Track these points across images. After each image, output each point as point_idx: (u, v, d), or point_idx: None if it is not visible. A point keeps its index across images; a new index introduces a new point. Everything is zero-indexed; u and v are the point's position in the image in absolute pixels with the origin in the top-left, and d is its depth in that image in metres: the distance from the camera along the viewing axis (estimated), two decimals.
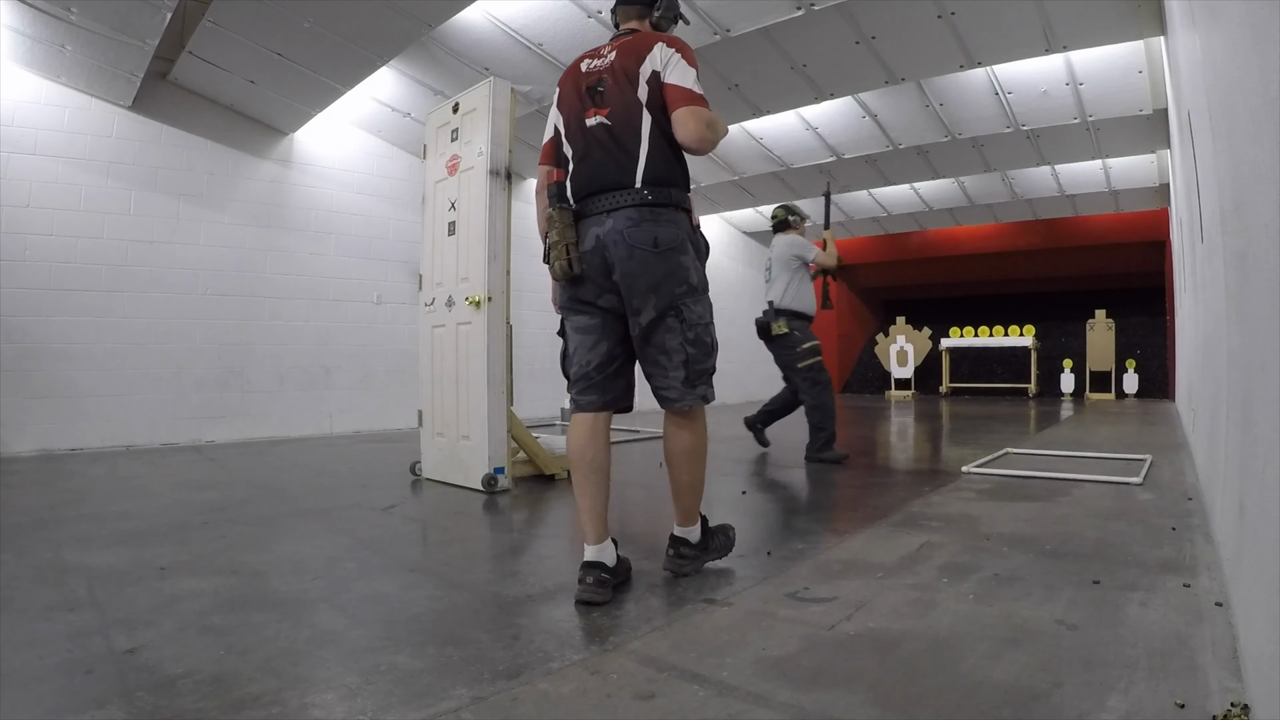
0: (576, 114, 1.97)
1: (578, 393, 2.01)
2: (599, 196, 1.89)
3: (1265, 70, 0.93)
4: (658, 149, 1.88)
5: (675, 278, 1.87)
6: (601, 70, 1.95)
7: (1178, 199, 5.21)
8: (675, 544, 2.05)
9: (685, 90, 1.86)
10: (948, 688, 1.33)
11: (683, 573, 2.01)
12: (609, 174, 1.89)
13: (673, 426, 1.98)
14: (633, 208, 1.85)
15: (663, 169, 1.88)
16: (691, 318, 1.89)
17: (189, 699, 1.31)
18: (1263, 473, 1.10)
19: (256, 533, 2.65)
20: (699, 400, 1.94)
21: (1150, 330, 11.12)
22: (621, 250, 1.84)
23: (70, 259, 5.15)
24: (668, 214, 1.87)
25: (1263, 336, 1.08)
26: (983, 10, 4.68)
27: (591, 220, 1.90)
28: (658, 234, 1.84)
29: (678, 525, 2.05)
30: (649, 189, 1.86)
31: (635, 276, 1.85)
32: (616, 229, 1.85)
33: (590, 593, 1.83)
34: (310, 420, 6.28)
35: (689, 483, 2.00)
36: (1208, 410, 2.81)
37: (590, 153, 1.93)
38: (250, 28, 4.65)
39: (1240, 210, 1.30)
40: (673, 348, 1.89)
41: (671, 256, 1.86)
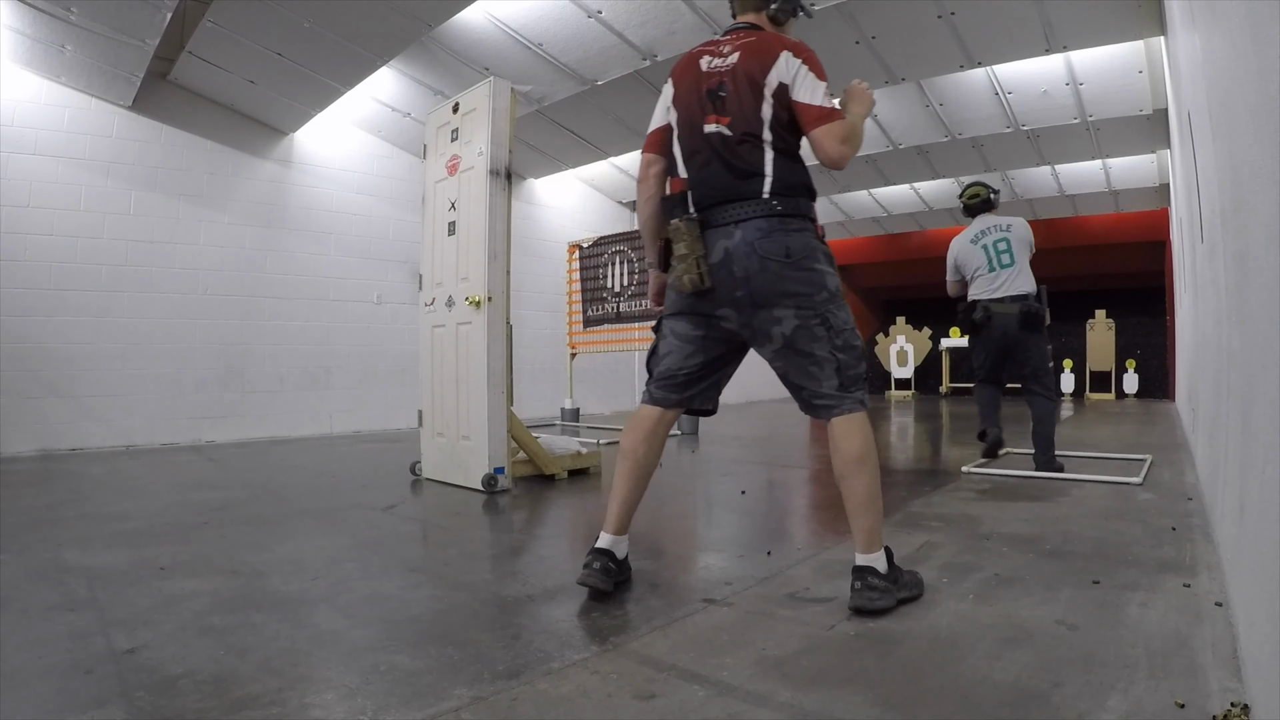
0: (694, 117, 1.88)
1: (655, 386, 1.98)
2: (724, 207, 1.82)
3: (1265, 70, 0.93)
4: (783, 160, 1.82)
5: (813, 286, 1.80)
6: (723, 73, 1.85)
7: (1178, 199, 5.20)
8: (861, 575, 1.76)
9: (818, 109, 1.78)
10: (948, 688, 1.33)
11: (875, 608, 1.71)
12: (733, 184, 1.82)
13: (836, 438, 1.84)
14: (762, 218, 1.79)
15: (790, 179, 1.82)
16: (837, 324, 1.82)
17: (189, 699, 1.31)
18: (1263, 473, 1.10)
19: (256, 533, 2.65)
20: (857, 405, 1.85)
21: (1150, 330, 11.11)
22: (753, 263, 1.77)
23: (70, 259, 5.15)
24: (797, 223, 1.81)
25: (1263, 337, 1.08)
26: (983, 10, 4.68)
27: (718, 232, 1.82)
28: (789, 244, 1.77)
29: (860, 553, 1.79)
30: (777, 199, 1.79)
31: (769, 289, 1.78)
32: (746, 240, 1.78)
33: (595, 577, 1.82)
34: (310, 420, 6.28)
35: (867, 496, 1.81)
36: (1209, 410, 2.81)
37: (709, 161, 1.85)
38: (250, 28, 4.65)
39: (1240, 210, 1.30)
40: (823, 357, 1.82)
41: (805, 265, 1.79)
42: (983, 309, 3.86)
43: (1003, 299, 3.85)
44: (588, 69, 5.46)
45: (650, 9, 4.75)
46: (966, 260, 4.02)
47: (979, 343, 3.99)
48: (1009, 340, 3.87)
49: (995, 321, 3.85)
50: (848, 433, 1.82)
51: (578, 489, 3.62)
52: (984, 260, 3.93)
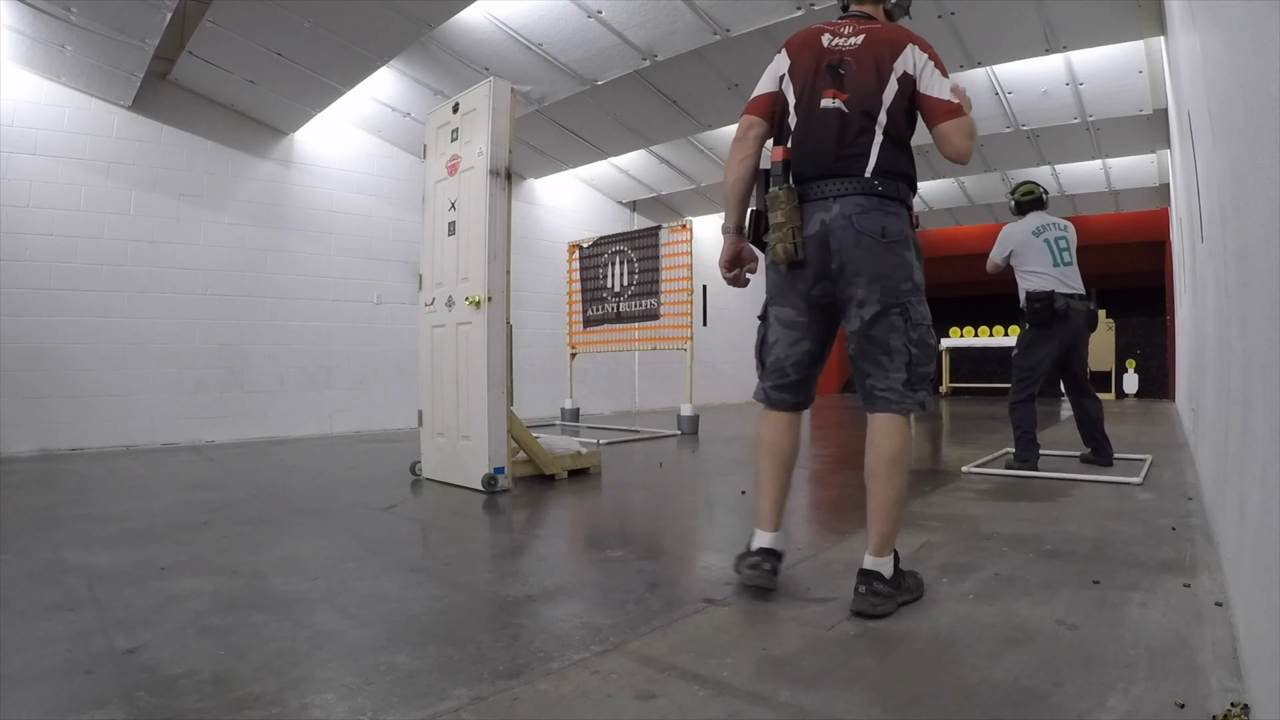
0: (811, 89, 1.86)
1: (772, 387, 1.97)
2: (825, 181, 1.81)
3: (1265, 70, 0.93)
4: (889, 146, 1.81)
5: (901, 272, 1.78)
6: (845, 51, 1.86)
7: (1178, 199, 5.20)
8: (866, 579, 1.74)
9: (948, 104, 1.80)
10: (948, 688, 1.33)
11: (877, 613, 1.70)
12: (837, 160, 1.80)
13: (881, 432, 1.81)
14: (861, 195, 1.78)
15: (893, 165, 1.81)
16: (916, 317, 1.80)
17: (189, 699, 1.31)
18: (1263, 473, 1.10)
19: (256, 533, 2.65)
20: (917, 406, 1.82)
21: (1150, 330, 11.12)
22: (848, 236, 1.76)
23: (70, 259, 5.15)
24: (895, 207, 1.80)
25: (1263, 337, 1.08)
26: (983, 10, 4.68)
27: (816, 205, 1.81)
28: (885, 224, 1.77)
29: (870, 555, 1.77)
30: (879, 180, 1.79)
31: (860, 265, 1.77)
32: (844, 214, 1.77)
33: (762, 578, 1.84)
34: (310, 420, 6.28)
35: (893, 499, 1.79)
36: (1210, 410, 2.81)
37: (819, 135, 1.83)
38: (250, 28, 4.65)
39: (1240, 210, 1.30)
40: (896, 347, 1.79)
41: (897, 250, 1.78)
42: (1064, 301, 3.80)
43: (1075, 295, 3.84)
44: (588, 69, 5.47)
45: (650, 9, 4.75)
46: (1026, 250, 3.93)
47: (1046, 336, 3.85)
48: (1076, 338, 3.87)
49: (1072, 317, 3.82)
50: (889, 431, 1.80)
51: (578, 489, 3.62)
52: (1047, 254, 3.88)
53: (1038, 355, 3.87)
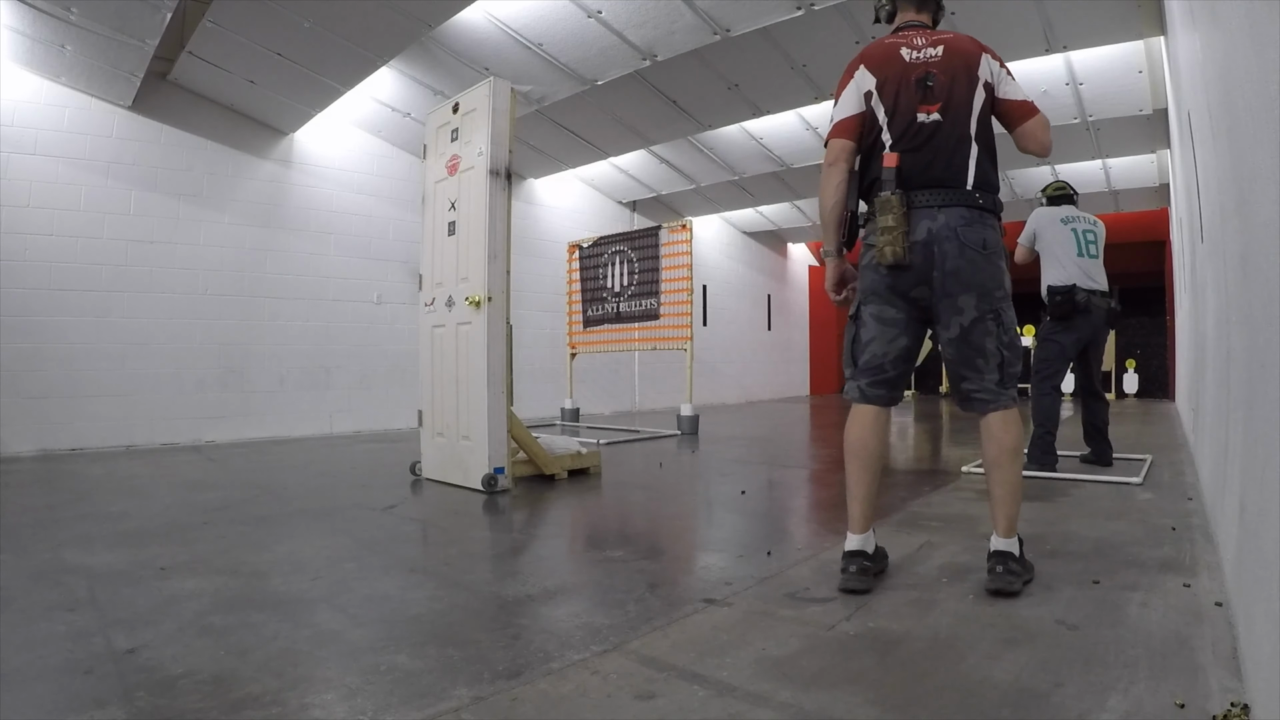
0: (907, 105, 1.95)
1: (868, 383, 2.01)
2: (932, 190, 1.90)
3: (1265, 70, 0.93)
4: (984, 157, 1.93)
5: (996, 281, 1.90)
6: (930, 63, 1.96)
7: (1178, 199, 5.21)
8: (1001, 559, 1.87)
9: (1025, 103, 1.96)
10: (948, 688, 1.33)
11: (1013, 590, 1.83)
12: (942, 170, 1.91)
13: (994, 429, 1.92)
14: (965, 207, 1.88)
15: (988, 175, 1.93)
16: (1007, 322, 1.92)
17: (189, 699, 1.31)
18: (1263, 473, 1.10)
19: (256, 533, 2.65)
20: (1011, 401, 1.94)
21: (1150, 330, 11.12)
22: (952, 246, 1.86)
23: (70, 259, 5.15)
24: (993, 220, 1.92)
25: (1263, 337, 1.08)
26: (983, 10, 4.68)
27: (922, 212, 1.90)
28: (986, 236, 1.88)
29: (1001, 537, 1.90)
30: (980, 193, 1.90)
31: (963, 274, 1.87)
32: (950, 225, 1.87)
33: (855, 580, 1.88)
34: (310, 420, 6.28)
35: (1016, 485, 1.93)
36: (1210, 411, 2.81)
37: (922, 146, 1.93)
38: (250, 28, 4.65)
39: (1240, 210, 1.30)
40: (990, 350, 1.90)
41: (994, 260, 1.89)
42: (1086, 295, 3.78)
43: (1097, 291, 3.83)
44: (588, 69, 5.46)
45: (650, 9, 4.75)
46: (1053, 237, 3.90)
47: (1066, 329, 3.82)
48: (1095, 333, 3.87)
49: (1093, 312, 3.82)
50: (1006, 426, 1.91)
51: (578, 489, 3.62)
52: (1074, 243, 3.86)
53: (1057, 347, 3.85)
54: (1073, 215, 3.94)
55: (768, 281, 12.01)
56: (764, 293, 11.88)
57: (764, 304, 11.88)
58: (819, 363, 13.30)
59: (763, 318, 11.87)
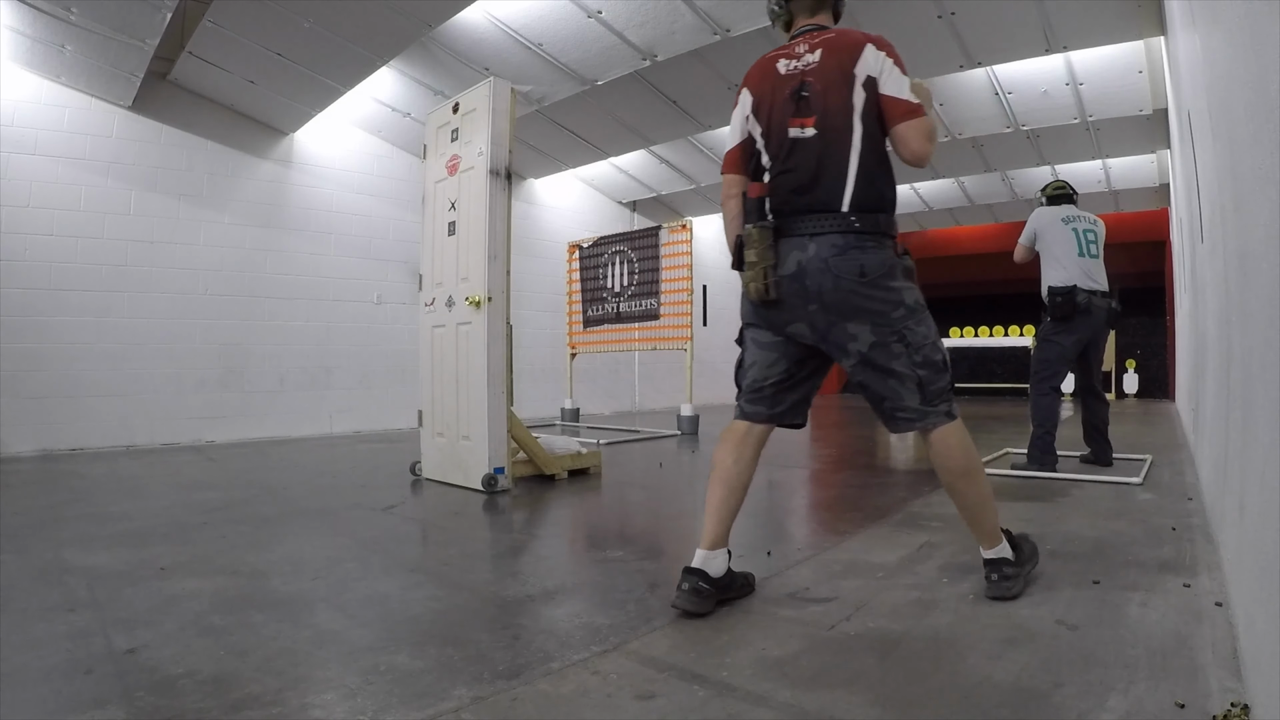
0: (779, 122, 1.81)
1: (746, 400, 1.92)
2: (802, 217, 1.76)
3: (1265, 70, 0.93)
4: (868, 167, 1.74)
5: (889, 303, 1.74)
6: (805, 72, 1.79)
7: (1178, 199, 5.21)
8: (994, 566, 1.83)
9: (906, 104, 1.73)
10: (948, 688, 1.33)
11: (1013, 594, 1.79)
12: (813, 193, 1.75)
13: (937, 451, 1.81)
14: (838, 234, 1.72)
15: (871, 192, 1.75)
16: (915, 340, 1.76)
17: (189, 699, 1.31)
18: (1263, 473, 1.10)
19: (256, 533, 2.65)
20: (943, 417, 1.79)
21: (1150, 330, 11.12)
22: (826, 280, 1.72)
23: (70, 259, 5.15)
24: (874, 241, 1.74)
25: (1263, 337, 1.08)
26: (983, 10, 4.68)
27: (792, 242, 1.76)
28: (864, 262, 1.72)
29: (986, 549, 1.85)
30: (856, 215, 1.72)
31: (843, 308, 1.73)
32: (820, 256, 1.72)
33: (684, 599, 1.72)
34: (310, 420, 6.28)
35: (978, 502, 1.82)
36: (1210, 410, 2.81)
37: (793, 167, 1.78)
38: (250, 28, 4.65)
39: (1240, 210, 1.30)
40: (903, 373, 1.76)
41: (881, 283, 1.73)
42: (1086, 296, 3.76)
43: (1097, 292, 3.81)
44: (588, 69, 5.46)
45: (650, 9, 4.75)
46: (1054, 237, 3.88)
47: (1067, 330, 3.80)
48: (1096, 334, 3.85)
49: (1094, 312, 3.79)
50: (946, 448, 1.79)
51: (578, 489, 3.62)
52: (1074, 243, 3.84)
53: (1058, 347, 3.83)
54: (1073, 215, 3.93)
55: None
56: None
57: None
58: None
59: None
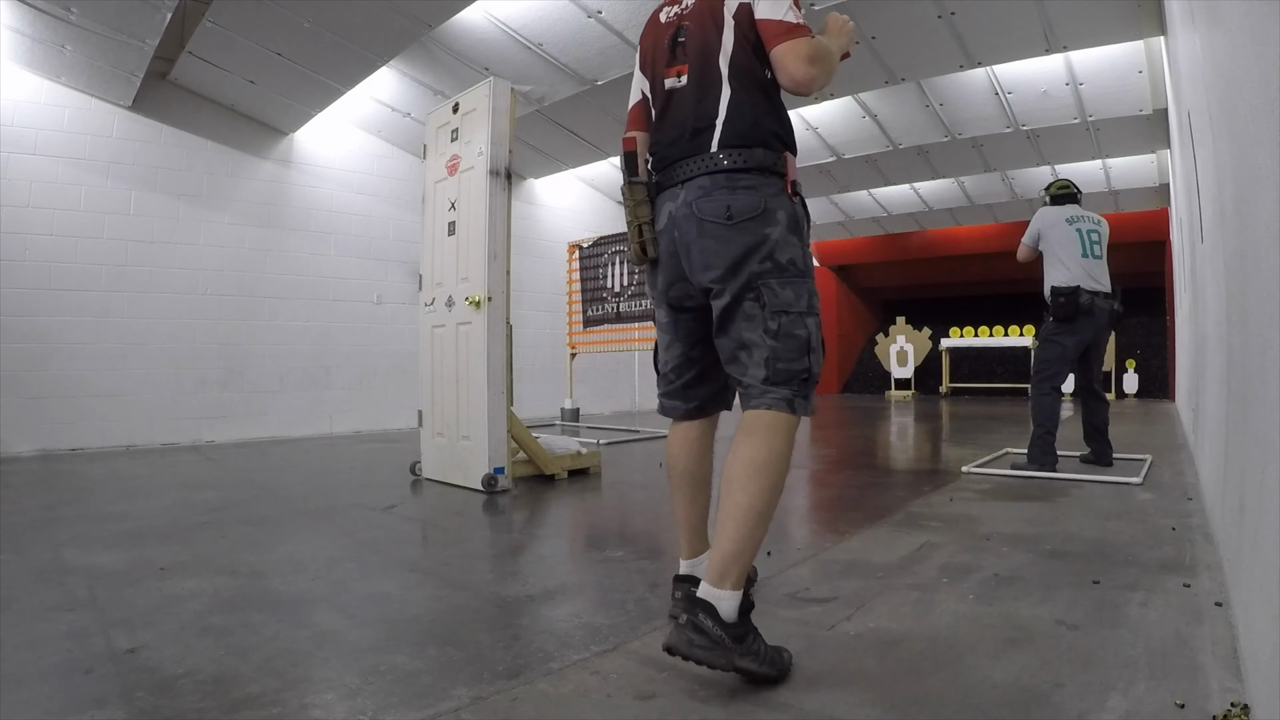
0: (658, 74, 1.68)
1: (661, 394, 1.78)
2: (675, 166, 1.59)
3: (1265, 70, 0.93)
4: (743, 102, 1.54)
5: (755, 253, 1.48)
6: (683, 17, 1.64)
7: (1178, 199, 5.21)
8: (693, 608, 1.33)
9: (779, 24, 1.51)
10: (948, 688, 1.33)
11: (694, 656, 1.29)
12: (687, 140, 1.58)
13: (744, 430, 1.47)
14: (705, 175, 1.53)
15: (746, 127, 1.53)
16: (775, 303, 1.47)
17: (189, 699, 1.31)
18: (1263, 473, 1.10)
19: (256, 533, 2.65)
20: (782, 404, 1.46)
21: (1150, 330, 11.12)
22: (690, 227, 1.53)
23: (70, 259, 5.15)
24: (748, 179, 1.51)
25: (1262, 337, 1.08)
26: (983, 10, 4.68)
27: (666, 195, 1.60)
28: (731, 203, 1.49)
29: (707, 583, 1.37)
30: (726, 152, 1.52)
31: (707, 256, 1.51)
32: (686, 202, 1.54)
33: (679, 607, 1.49)
34: (310, 420, 6.28)
35: (746, 513, 1.38)
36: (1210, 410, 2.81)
37: (669, 118, 1.63)
38: (250, 28, 4.65)
39: (1240, 210, 1.30)
40: (752, 341, 1.49)
41: (750, 229, 1.48)
42: (1089, 296, 3.75)
43: (1100, 293, 3.80)
44: (588, 69, 5.46)
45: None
46: (1057, 237, 3.85)
47: (1069, 331, 3.78)
48: (1098, 335, 3.84)
49: (1097, 313, 3.78)
50: (753, 430, 1.46)
51: (578, 489, 3.62)
52: (1077, 243, 3.82)
53: (1059, 348, 3.82)
54: (1077, 215, 3.92)
55: None
56: None
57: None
58: None
59: None
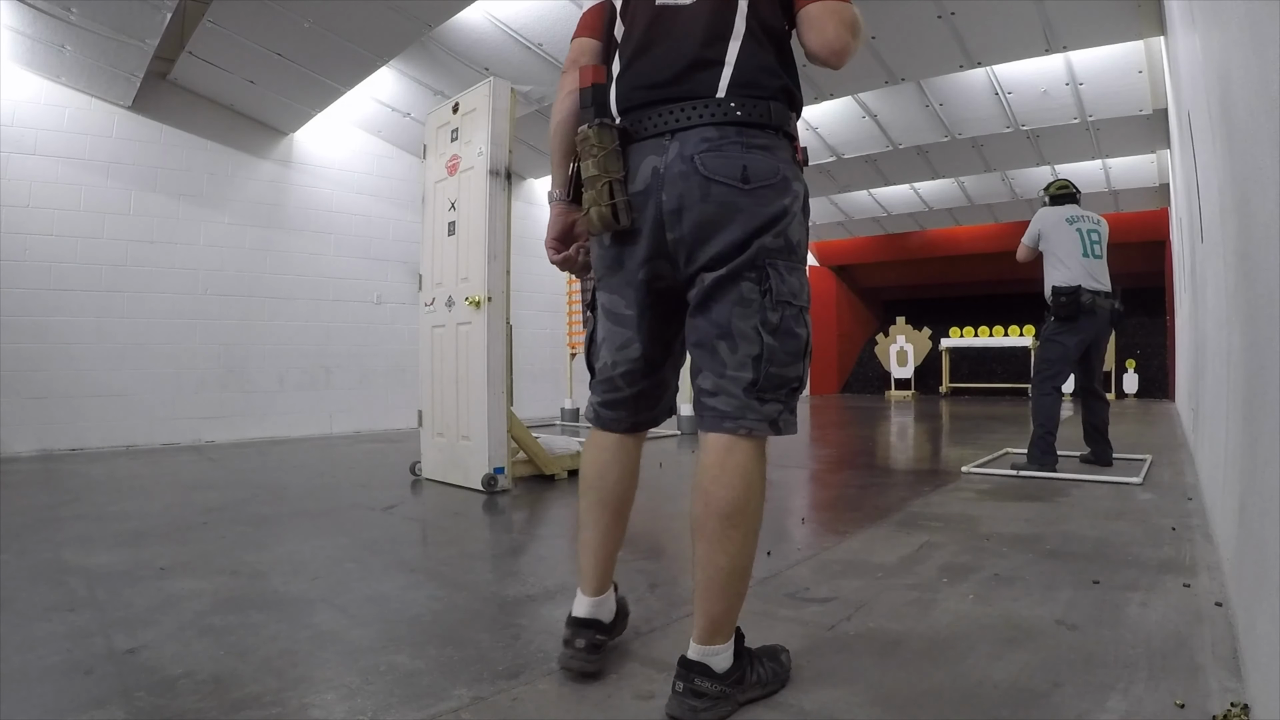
0: None
1: (600, 400, 1.44)
2: (660, 109, 1.24)
3: (1265, 70, 0.93)
4: (756, 44, 1.23)
5: (768, 226, 1.20)
6: None
7: (1178, 199, 5.21)
8: (688, 673, 1.21)
9: None
10: (948, 688, 1.33)
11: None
12: (678, 76, 1.23)
13: (710, 472, 1.23)
14: (712, 125, 1.20)
15: (762, 73, 1.23)
16: (782, 290, 1.20)
17: (189, 699, 1.31)
18: (1263, 473, 1.10)
19: (256, 533, 2.65)
20: (764, 428, 1.22)
21: (1150, 330, 11.12)
22: (691, 187, 1.19)
23: (70, 259, 5.15)
24: (764, 138, 1.22)
25: (1263, 337, 1.08)
26: (983, 10, 4.68)
27: (647, 145, 1.25)
28: (748, 163, 1.19)
29: (696, 643, 1.22)
30: (739, 100, 1.21)
31: (710, 229, 1.19)
32: (684, 156, 1.20)
33: (581, 660, 1.34)
34: (310, 420, 6.28)
35: (728, 570, 1.20)
36: (1210, 410, 2.81)
37: (655, 43, 1.27)
38: (250, 28, 4.65)
39: (1240, 210, 1.30)
40: (742, 331, 1.20)
41: (767, 196, 1.19)
42: (1090, 296, 3.76)
43: (1101, 293, 3.81)
44: None
45: None
46: (1057, 237, 3.86)
47: (1070, 331, 3.78)
48: (1099, 334, 3.85)
49: (1098, 313, 3.79)
50: (724, 470, 1.21)
51: (578, 489, 3.62)
52: (1077, 243, 3.83)
53: (1061, 347, 3.82)
54: (1078, 215, 3.93)
55: None
56: None
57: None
58: (819, 363, 13.29)
59: None
